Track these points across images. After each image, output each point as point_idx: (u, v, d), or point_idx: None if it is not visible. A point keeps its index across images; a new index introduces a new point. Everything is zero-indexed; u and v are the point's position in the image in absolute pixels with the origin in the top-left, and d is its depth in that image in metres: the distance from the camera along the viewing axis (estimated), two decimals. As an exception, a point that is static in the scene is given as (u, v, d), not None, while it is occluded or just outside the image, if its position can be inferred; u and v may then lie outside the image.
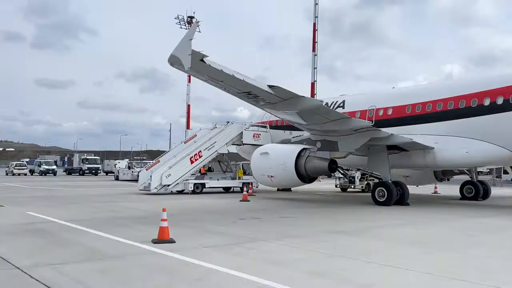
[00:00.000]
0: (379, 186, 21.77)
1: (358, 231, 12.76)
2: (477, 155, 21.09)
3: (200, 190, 28.73)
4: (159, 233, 10.60)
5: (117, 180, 50.99)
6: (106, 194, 27.48)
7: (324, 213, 17.95)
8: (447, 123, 22.00)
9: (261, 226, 13.78)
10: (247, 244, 10.37)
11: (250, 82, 14.25)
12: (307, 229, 13.12)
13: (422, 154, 22.52)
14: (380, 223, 14.63)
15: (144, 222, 14.44)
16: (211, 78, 14.25)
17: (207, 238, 11.31)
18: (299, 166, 22.58)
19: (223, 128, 30.22)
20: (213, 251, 9.54)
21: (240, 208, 19.50)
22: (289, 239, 11.09)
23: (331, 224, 14.30)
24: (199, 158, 28.43)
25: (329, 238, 11.40)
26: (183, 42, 12.32)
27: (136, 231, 12.39)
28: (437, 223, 14.96)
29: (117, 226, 13.29)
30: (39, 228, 12.68)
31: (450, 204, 23.36)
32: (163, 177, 27.09)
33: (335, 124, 19.30)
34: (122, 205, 20.51)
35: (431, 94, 23.00)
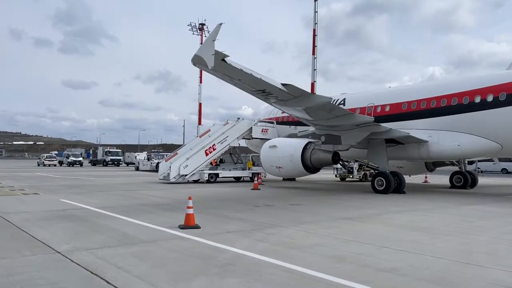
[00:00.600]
0: (378, 176, 21.40)
1: (365, 218, 12.35)
2: (468, 147, 20.70)
3: (214, 179, 28.44)
4: (186, 219, 10.26)
5: (137, 171, 50.77)
6: (129, 183, 27.17)
7: (330, 200, 17.55)
8: (440, 118, 21.59)
9: (275, 213, 13.40)
10: (266, 230, 10.00)
11: (267, 80, 13.84)
12: (318, 216, 12.73)
13: (417, 147, 22.14)
14: (384, 210, 14.21)
15: (168, 209, 14.11)
16: (229, 76, 13.82)
17: (229, 224, 10.94)
18: (305, 158, 22.27)
19: (234, 124, 29.86)
20: (236, 236, 9.17)
21: (252, 196, 19.12)
22: (303, 225, 10.71)
23: (339, 211, 13.92)
24: (213, 151, 28.10)
25: (340, 224, 11.01)
26: (207, 43, 11.94)
27: (163, 217, 12.04)
28: (436, 210, 14.53)
29: (144, 212, 12.95)
30: (73, 215, 12.34)
31: (442, 192, 22.93)
32: (181, 168, 26.80)
33: (339, 119, 18.88)
34: (145, 193, 20.18)
35: (425, 92, 22.56)
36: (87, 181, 29.12)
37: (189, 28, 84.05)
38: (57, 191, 20.44)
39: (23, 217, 11.72)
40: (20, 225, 10.36)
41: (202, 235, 9.19)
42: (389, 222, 11.55)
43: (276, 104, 17.59)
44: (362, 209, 14.45)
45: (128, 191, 21.18)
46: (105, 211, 13.08)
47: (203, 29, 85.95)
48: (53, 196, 17.92)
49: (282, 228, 10.26)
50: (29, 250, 7.57)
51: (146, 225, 10.54)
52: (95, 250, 7.62)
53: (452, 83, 22.20)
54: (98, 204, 14.83)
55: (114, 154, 70.06)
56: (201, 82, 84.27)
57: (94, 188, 22.46)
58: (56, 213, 12.70)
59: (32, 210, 13.27)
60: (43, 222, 10.92)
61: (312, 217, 12.38)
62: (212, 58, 11.60)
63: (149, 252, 7.63)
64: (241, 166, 30.95)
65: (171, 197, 18.27)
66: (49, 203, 15.19)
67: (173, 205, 15.10)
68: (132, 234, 9.34)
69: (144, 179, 31.96)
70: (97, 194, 19.04)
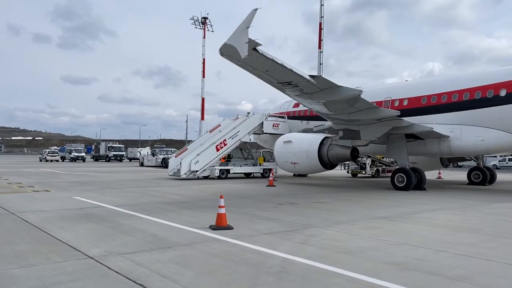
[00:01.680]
0: (398, 172, 20.76)
1: (400, 217, 11.74)
2: (492, 143, 20.08)
3: (225, 175, 27.82)
4: (217, 219, 9.64)
5: (142, 166, 50.09)
6: (138, 179, 26.54)
7: (353, 198, 16.92)
8: (462, 113, 20.94)
9: (302, 211, 12.78)
10: (303, 231, 9.38)
11: (297, 72, 13.18)
12: (350, 215, 12.10)
13: (437, 142, 21.51)
14: (415, 208, 13.59)
15: (189, 207, 13.48)
16: (255, 67, 13.13)
17: (260, 224, 10.32)
18: (321, 153, 21.68)
19: (245, 119, 29.24)
20: (275, 239, 8.55)
21: (271, 193, 18.51)
22: (339, 226, 10.10)
23: (368, 209, 13.29)
24: (224, 146, 27.49)
25: (378, 225, 10.40)
26: (239, 30, 11.21)
27: (186, 216, 11.43)
28: (468, 208, 13.94)
29: (165, 211, 12.33)
30: (92, 214, 11.72)
31: (463, 189, 22.34)
32: (191, 164, 26.18)
33: (362, 113, 18.23)
34: (158, 189, 19.55)
35: (446, 86, 21.88)
36: (94, 177, 28.48)
37: (192, 22, 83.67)
38: (68, 187, 19.81)
39: (40, 216, 11.10)
40: (40, 225, 9.74)
41: (238, 237, 8.57)
42: (428, 222, 10.93)
43: (299, 97, 16.93)
44: (392, 207, 13.84)
45: (140, 187, 20.55)
46: (124, 210, 12.47)
47: (205, 23, 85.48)
48: (65, 193, 17.30)
49: (319, 229, 9.64)
50: (57, 255, 6.94)
51: (173, 225, 9.92)
52: (130, 255, 7.00)
53: (475, 76, 21.51)
54: (114, 202, 14.22)
55: (117, 150, 69.30)
56: (204, 76, 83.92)
57: (105, 185, 21.83)
58: (75, 212, 12.08)
59: (47, 208, 12.64)
60: (64, 222, 10.29)
61: (343, 216, 11.76)
62: (246, 47, 10.92)
63: (189, 257, 7.01)
64: (252, 162, 30.31)
65: (187, 194, 17.65)
66: (63, 201, 14.57)
67: (192, 203, 14.49)
68: (162, 236, 8.72)
69: (152, 175, 31.32)
70: (109, 191, 18.41)
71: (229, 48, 11.49)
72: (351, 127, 21.20)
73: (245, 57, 11.27)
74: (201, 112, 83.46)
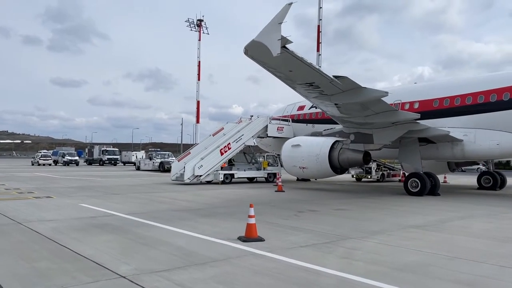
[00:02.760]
0: (412, 177, 20.17)
1: (432, 225, 11.12)
2: (508, 146, 19.63)
3: (229, 180, 27.06)
4: (247, 230, 8.95)
5: (138, 170, 49.09)
6: (140, 185, 25.70)
7: (372, 204, 16.29)
8: (476, 116, 20.47)
9: (328, 220, 12.10)
10: (341, 243, 8.71)
11: (323, 72, 12.54)
12: (380, 223, 11.44)
13: (450, 147, 21.01)
14: (443, 216, 12.97)
15: (206, 215, 12.74)
16: (279, 66, 12.41)
17: (291, 234, 9.62)
18: (332, 158, 21.03)
19: (249, 122, 28.55)
20: (315, 252, 7.87)
21: (284, 199, 17.83)
22: (377, 236, 9.44)
23: (395, 217, 12.64)
24: (228, 150, 26.78)
25: (415, 235, 9.76)
26: (270, 26, 10.50)
27: (205, 225, 10.69)
28: (496, 216, 13.38)
29: (181, 220, 11.58)
30: (106, 223, 10.93)
31: (476, 194, 21.85)
32: (195, 168, 25.42)
33: (379, 116, 17.62)
34: (165, 195, 18.76)
35: (459, 89, 21.42)
36: (93, 182, 27.55)
37: (187, 24, 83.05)
38: (70, 194, 18.93)
39: (50, 226, 10.30)
40: (53, 237, 8.95)
41: (274, 250, 7.87)
42: (465, 231, 10.33)
43: (317, 99, 16.28)
44: (418, 215, 13.22)
45: (145, 193, 19.74)
46: (137, 218, 11.71)
47: (201, 25, 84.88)
48: (69, 200, 16.45)
49: (356, 240, 8.97)
50: (85, 274, 6.18)
51: (198, 236, 9.18)
52: (164, 273, 6.27)
53: (489, 78, 21.08)
54: (124, 210, 13.43)
55: (111, 153, 68.13)
56: (199, 79, 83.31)
57: (107, 190, 20.97)
58: (86, 221, 11.28)
59: (56, 217, 11.82)
60: (78, 233, 9.50)
61: (374, 225, 11.11)
62: (277, 45, 10.23)
63: (231, 275, 6.29)
64: (256, 166, 29.60)
65: (197, 200, 16.90)
66: (70, 209, 13.75)
67: (207, 210, 13.75)
68: (190, 249, 7.99)
69: (153, 180, 30.48)
70: (115, 198, 17.59)
71: (257, 46, 10.80)
72: (364, 130, 20.63)
73: (277, 55, 10.57)
74: (196, 115, 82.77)
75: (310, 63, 11.94)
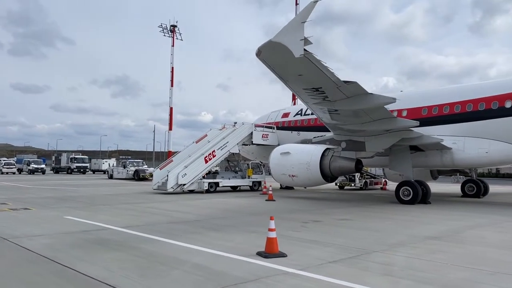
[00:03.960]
0: (404, 185, 19.97)
1: (447, 236, 10.78)
2: (497, 155, 19.79)
3: (214, 189, 26.20)
4: (268, 245, 8.26)
5: (111, 179, 47.23)
6: (121, 194, 24.45)
7: (372, 214, 15.92)
8: (465, 124, 20.61)
9: (339, 231, 11.58)
10: (367, 257, 8.19)
11: (337, 76, 12.05)
12: (394, 235, 10.99)
13: (439, 155, 21.02)
14: (451, 226, 12.67)
15: (208, 227, 11.93)
16: (290, 69, 11.79)
17: (311, 248, 9.02)
18: (323, 166, 20.63)
19: (235, 128, 27.86)
20: (349, 269, 7.28)
21: (281, 209, 17.23)
22: (399, 249, 8.98)
23: (406, 228, 12.22)
24: (213, 158, 25.97)
25: (437, 247, 9.33)
26: (292, 25, 9.86)
27: (216, 240, 9.93)
28: (503, 223, 13.31)
29: (188, 233, 10.77)
30: (105, 238, 9.99)
31: (464, 202, 21.94)
32: (179, 177, 24.45)
33: (376, 123, 17.34)
34: (154, 206, 17.78)
35: (448, 97, 21.54)
36: (69, 191, 26.03)
37: (160, 29, 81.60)
38: (49, 205, 17.63)
39: (42, 243, 9.28)
40: (51, 256, 7.98)
41: (304, 267, 7.25)
42: (484, 242, 10.07)
43: (318, 105, 15.76)
44: (427, 225, 12.93)
45: (130, 204, 18.67)
46: (137, 232, 10.80)
47: (174, 31, 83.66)
48: (51, 212, 15.25)
49: (382, 254, 8.47)
50: (109, 303, 5.36)
51: (215, 253, 8.42)
52: (200, 299, 5.53)
53: (478, 87, 21.30)
54: (117, 222, 12.46)
55: (80, 161, 65.50)
56: (172, 85, 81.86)
57: (88, 201, 19.73)
58: (80, 236, 10.29)
59: (44, 232, 10.74)
60: (78, 250, 8.55)
61: (390, 237, 10.66)
62: (300, 45, 9.61)
63: (275, 299, 5.62)
64: (241, 174, 28.85)
65: (191, 211, 16.06)
66: (56, 222, 12.64)
67: (207, 222, 12.95)
68: (214, 268, 7.25)
69: (132, 189, 29.19)
70: (100, 209, 16.48)
71: (274, 47, 10.15)
72: (356, 138, 20.35)
73: (300, 55, 9.96)
74: (169, 122, 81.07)
75: (327, 66, 11.46)
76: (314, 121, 27.53)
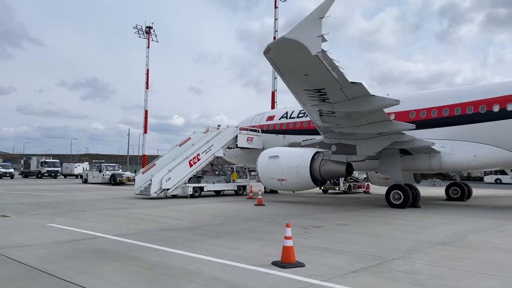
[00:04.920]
0: (394, 189, 19.89)
1: (456, 241, 10.55)
2: (485, 158, 19.97)
3: (198, 193, 25.47)
4: (285, 254, 7.77)
5: (85, 183, 45.60)
6: (102, 199, 23.42)
7: (368, 218, 15.64)
8: (453, 128, 20.74)
9: (344, 237, 11.19)
10: (387, 265, 7.82)
11: (345, 76, 11.68)
12: (402, 241, 10.66)
13: (427, 158, 21.06)
14: (453, 231, 12.46)
15: (206, 234, 11.32)
16: (297, 69, 11.34)
17: (324, 257, 8.55)
18: (313, 169, 20.32)
19: (219, 131, 27.25)
20: (375, 279, 6.88)
21: (274, 214, 16.78)
22: (415, 256, 8.67)
23: (409, 233, 11.90)
24: (198, 161, 25.29)
25: (453, 253, 9.01)
26: (309, 21, 9.38)
27: (221, 248, 9.36)
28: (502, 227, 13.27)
29: (187, 241, 10.16)
30: (100, 248, 9.26)
31: (452, 205, 22.06)
32: (163, 181, 23.65)
33: (371, 126, 17.13)
34: (141, 212, 16.99)
35: (436, 101, 21.68)
36: (45, 197, 24.77)
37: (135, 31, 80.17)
38: (27, 212, 16.57)
39: (33, 254, 8.48)
40: (45, 268, 7.25)
41: (327, 278, 6.81)
42: (497, 248, 9.86)
43: (315, 106, 15.38)
44: (429, 229, 12.73)
45: (115, 209, 17.81)
46: (132, 240, 10.10)
47: (150, 32, 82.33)
48: (32, 219, 14.28)
49: (401, 262, 8.11)
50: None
51: (228, 263, 7.85)
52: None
53: (466, 91, 21.50)
54: (107, 230, 11.69)
55: (51, 165, 63.20)
56: (147, 88, 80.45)
57: (70, 207, 18.71)
58: (71, 245, 9.52)
59: (31, 242, 9.89)
60: (75, 262, 7.82)
61: (399, 243, 10.34)
62: (318, 42, 9.16)
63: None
64: (225, 178, 28.21)
65: (181, 217, 15.40)
66: (41, 231, 11.75)
67: (205, 229, 12.33)
68: (228, 279, 6.71)
69: (111, 194, 28.11)
70: (84, 216, 15.58)
71: (286, 44, 9.68)
72: (346, 141, 20.14)
73: (319, 53, 9.52)
74: (144, 125, 79.54)
75: (338, 67, 11.08)
76: (300, 124, 27.29)
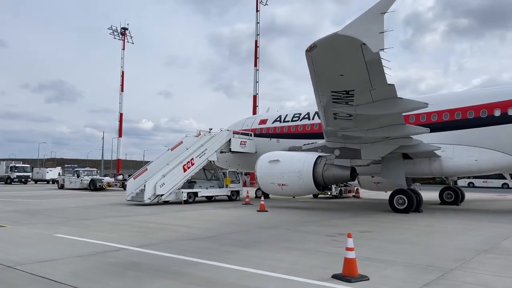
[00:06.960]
0: (398, 194, 19.69)
1: (495, 248, 10.34)
2: (486, 163, 20.11)
3: (192, 199, 24.60)
4: (348, 267, 7.23)
5: (62, 189, 43.61)
6: (93, 206, 22.23)
7: (383, 224, 15.33)
8: (454, 132, 20.83)
9: (379, 246, 10.76)
10: (449, 276, 7.40)
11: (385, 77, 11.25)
12: (441, 248, 10.41)
13: (428, 163, 21.06)
14: (485, 235, 12.38)
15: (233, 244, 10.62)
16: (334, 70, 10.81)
17: (378, 268, 8.08)
18: (316, 174, 19.99)
19: (213, 135, 26.51)
20: (452, 291, 6.47)
21: (284, 220, 16.24)
22: (469, 265, 8.35)
23: (442, 239, 11.71)
24: (192, 166, 24.45)
25: (505, 261, 8.80)
26: (369, 17, 8.79)
27: (259, 259, 8.72)
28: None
29: (223, 252, 9.44)
30: (130, 262, 8.42)
31: (451, 209, 22.16)
32: (157, 187, 22.69)
33: (383, 130, 16.84)
34: (146, 219, 16.03)
35: (437, 105, 21.69)
36: (30, 204, 23.28)
37: (110, 32, 78.30)
38: (21, 221, 15.34)
39: (62, 270, 7.58)
40: (88, 289, 6.43)
41: (404, 292, 6.31)
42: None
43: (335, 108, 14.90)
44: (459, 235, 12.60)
45: (116, 217, 16.81)
46: (160, 252, 9.31)
47: (125, 34, 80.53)
48: (32, 229, 13.17)
49: (461, 273, 7.72)
50: None
51: (279, 277, 7.24)
52: None
53: (467, 95, 21.66)
54: (125, 241, 10.83)
55: (21, 170, 60.35)
56: (122, 90, 78.68)
57: (63, 215, 17.52)
58: (100, 259, 8.62)
59: (50, 256, 8.88)
60: (115, 280, 6.99)
61: (441, 252, 10.02)
62: (381, 38, 8.63)
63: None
64: (218, 183, 27.41)
65: (190, 225, 14.66)
66: (51, 242, 10.78)
67: (228, 238, 11.63)
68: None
69: (99, 200, 26.81)
70: (86, 224, 14.56)
71: (338, 42, 9.12)
72: (350, 145, 19.86)
73: (380, 50, 9.02)
74: (119, 129, 77.83)
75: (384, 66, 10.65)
76: (295, 128, 26.90)
